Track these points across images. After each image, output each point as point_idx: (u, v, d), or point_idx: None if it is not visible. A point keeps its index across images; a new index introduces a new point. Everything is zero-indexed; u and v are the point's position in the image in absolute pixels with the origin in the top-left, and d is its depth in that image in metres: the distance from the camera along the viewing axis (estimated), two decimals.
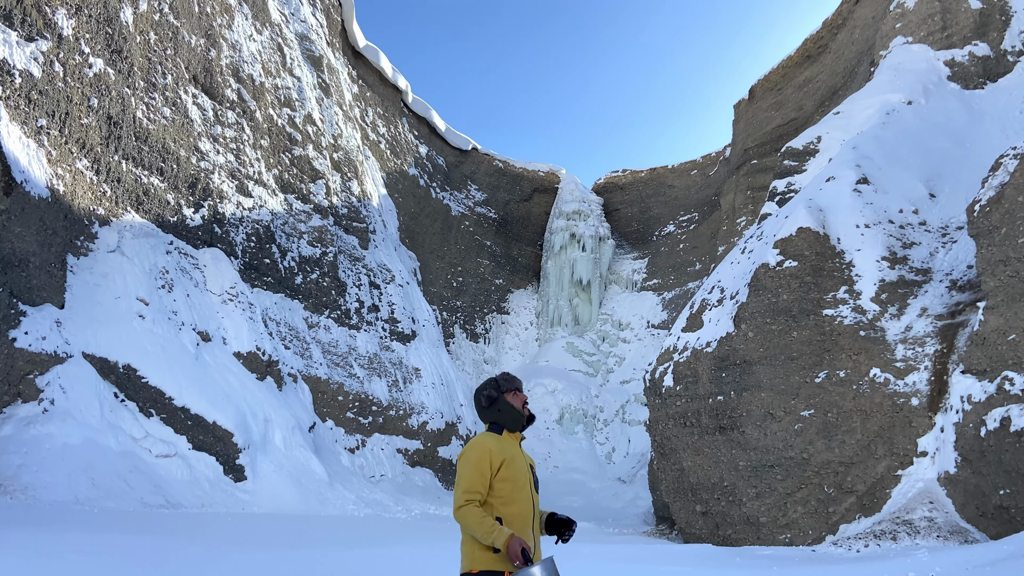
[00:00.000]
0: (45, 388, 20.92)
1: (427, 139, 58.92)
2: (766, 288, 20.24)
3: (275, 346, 31.77)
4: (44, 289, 22.07)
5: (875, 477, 17.66)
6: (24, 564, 8.95)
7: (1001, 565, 10.00)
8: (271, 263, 34.82)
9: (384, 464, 35.95)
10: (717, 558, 15.03)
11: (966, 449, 15.91)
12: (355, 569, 11.20)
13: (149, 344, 24.59)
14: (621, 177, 68.05)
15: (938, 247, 19.85)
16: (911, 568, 11.18)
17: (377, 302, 41.07)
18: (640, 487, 39.59)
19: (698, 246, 58.26)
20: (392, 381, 39.14)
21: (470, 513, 3.96)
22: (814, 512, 18.33)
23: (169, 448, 23.30)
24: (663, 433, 22.90)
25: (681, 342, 23.14)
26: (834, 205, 20.75)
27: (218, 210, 31.97)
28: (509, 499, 4.11)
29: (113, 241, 25.81)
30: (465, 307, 59.19)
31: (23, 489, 17.75)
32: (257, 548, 13.09)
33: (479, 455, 4.11)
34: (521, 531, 4.09)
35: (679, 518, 22.38)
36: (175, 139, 29.85)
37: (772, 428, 19.23)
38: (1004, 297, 15.56)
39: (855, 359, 18.65)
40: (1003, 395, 15.16)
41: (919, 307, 18.65)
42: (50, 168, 23.09)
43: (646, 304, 59.49)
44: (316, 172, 39.18)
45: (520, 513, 4.13)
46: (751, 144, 49.72)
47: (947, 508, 16.28)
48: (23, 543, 10.70)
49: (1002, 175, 15.98)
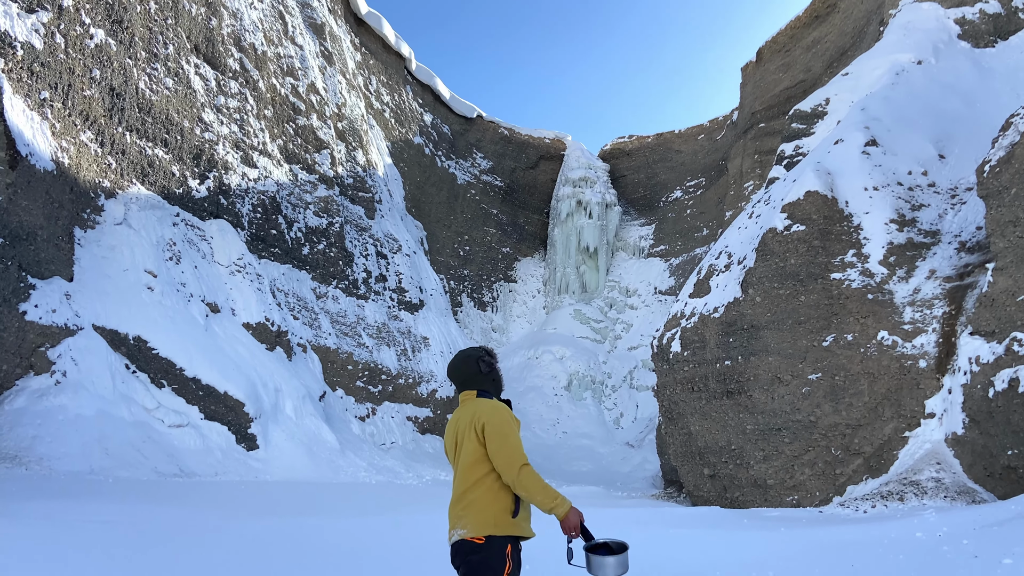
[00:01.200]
0: (57, 360, 21.11)
1: (432, 107, 58.52)
2: (774, 253, 20.16)
3: (284, 317, 31.93)
4: (52, 262, 22.17)
5: (882, 439, 17.73)
6: (42, 533, 9.10)
7: (1009, 525, 10.06)
8: (278, 234, 34.85)
9: (394, 432, 36.28)
10: (725, 520, 15.17)
11: (974, 410, 15.93)
12: (369, 535, 11.36)
13: (159, 316, 24.74)
14: (627, 143, 67.55)
15: (947, 209, 19.71)
16: (918, 528, 11.26)
17: (384, 272, 41.13)
18: (648, 451, 39.88)
19: (705, 211, 57.99)
20: (401, 350, 39.34)
21: (533, 475, 3.91)
22: (821, 474, 18.45)
23: (181, 418, 23.55)
24: (671, 398, 23.00)
25: (688, 308, 23.14)
26: (842, 168, 20.58)
27: (223, 181, 31.93)
28: None
29: (120, 213, 25.85)
30: (472, 276, 59.21)
31: (38, 460, 18.00)
32: (271, 515, 13.28)
33: (513, 427, 4.07)
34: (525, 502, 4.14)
35: (687, 481, 22.55)
36: (178, 110, 29.74)
37: (779, 392, 19.28)
38: (1013, 258, 15.47)
39: (863, 322, 18.62)
40: (1011, 356, 15.14)
41: (927, 269, 18.57)
42: (54, 141, 23.06)
43: (653, 270, 59.41)
44: (321, 142, 39.03)
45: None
46: (759, 107, 49.22)
47: (954, 469, 16.34)
48: (40, 513, 10.88)
49: (1012, 134, 15.80)
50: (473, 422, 4.04)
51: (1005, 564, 7.90)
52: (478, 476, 4.03)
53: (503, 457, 3.89)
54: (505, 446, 3.91)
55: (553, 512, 3.86)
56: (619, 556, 3.85)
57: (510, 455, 3.89)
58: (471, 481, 4.03)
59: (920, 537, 10.55)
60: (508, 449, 3.90)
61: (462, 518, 4.01)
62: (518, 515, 4.03)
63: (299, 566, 8.47)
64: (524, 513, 4.12)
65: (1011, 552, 8.33)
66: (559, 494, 3.89)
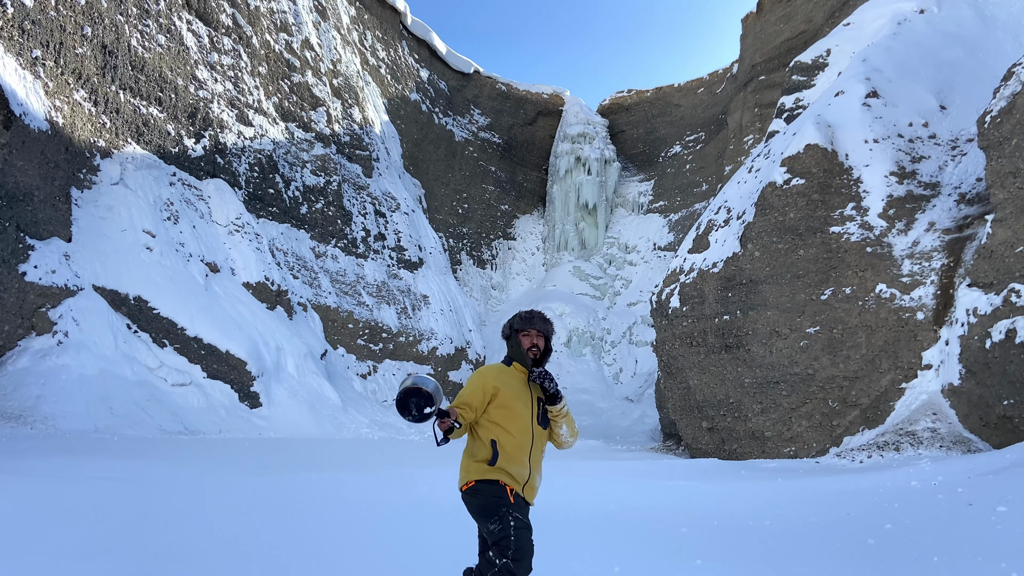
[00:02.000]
0: (58, 321, 21.20)
1: (428, 63, 57.79)
2: (773, 207, 20.12)
3: (283, 276, 31.96)
4: (50, 223, 22.12)
5: (879, 390, 17.89)
6: (51, 491, 9.23)
7: (1003, 473, 10.19)
8: (275, 193, 34.70)
9: (396, 389, 36.56)
10: (723, 471, 15.38)
11: (971, 361, 16.05)
12: (374, 489, 11.52)
13: (158, 276, 24.76)
14: (626, 98, 66.87)
15: (947, 160, 19.62)
16: (913, 477, 11.42)
17: (383, 230, 41.05)
18: (647, 405, 40.25)
19: (705, 166, 57.65)
20: (401, 308, 39.46)
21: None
22: (818, 426, 18.65)
23: (184, 377, 23.72)
24: (670, 353, 23.14)
25: (687, 263, 23.16)
26: (843, 120, 20.42)
27: (219, 140, 31.69)
28: (505, 426, 4.31)
29: (116, 173, 25.71)
30: (471, 233, 59.09)
31: (43, 419, 18.18)
32: (276, 471, 13.45)
33: (477, 381, 4.39)
34: (515, 458, 4.30)
35: (686, 434, 22.81)
36: (171, 67, 29.39)
37: (778, 345, 19.40)
38: (1013, 209, 15.45)
39: (861, 275, 18.66)
40: (1009, 307, 15.21)
41: (927, 222, 18.55)
42: (48, 100, 22.84)
43: (652, 226, 59.29)
44: (316, 99, 38.64)
45: (517, 444, 4.32)
46: (759, 59, 48.62)
47: (950, 419, 16.52)
48: (48, 471, 11.02)
49: (1014, 84, 15.66)
50: None
51: (999, 511, 8.04)
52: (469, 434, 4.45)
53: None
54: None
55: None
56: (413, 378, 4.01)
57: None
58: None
59: (915, 486, 10.71)
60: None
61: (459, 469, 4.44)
62: (495, 466, 4.26)
63: (305, 520, 8.62)
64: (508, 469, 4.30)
65: (1005, 500, 8.47)
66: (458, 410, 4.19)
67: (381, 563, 6.53)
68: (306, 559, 6.58)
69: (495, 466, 4.24)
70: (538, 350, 4.55)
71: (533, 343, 4.55)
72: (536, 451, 4.43)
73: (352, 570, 6.28)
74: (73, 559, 6.02)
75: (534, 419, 4.42)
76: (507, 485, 4.23)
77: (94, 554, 6.23)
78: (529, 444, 4.37)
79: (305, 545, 7.16)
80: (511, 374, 4.49)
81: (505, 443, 4.29)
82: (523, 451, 4.34)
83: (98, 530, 7.21)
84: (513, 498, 4.18)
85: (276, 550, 6.87)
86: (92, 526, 7.38)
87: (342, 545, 7.23)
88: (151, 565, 6.02)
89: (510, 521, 4.08)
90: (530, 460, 4.37)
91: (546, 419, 4.51)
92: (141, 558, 6.22)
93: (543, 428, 4.49)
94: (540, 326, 4.59)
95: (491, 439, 4.27)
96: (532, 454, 4.39)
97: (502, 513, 4.10)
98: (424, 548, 7.20)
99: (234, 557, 6.51)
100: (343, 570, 6.27)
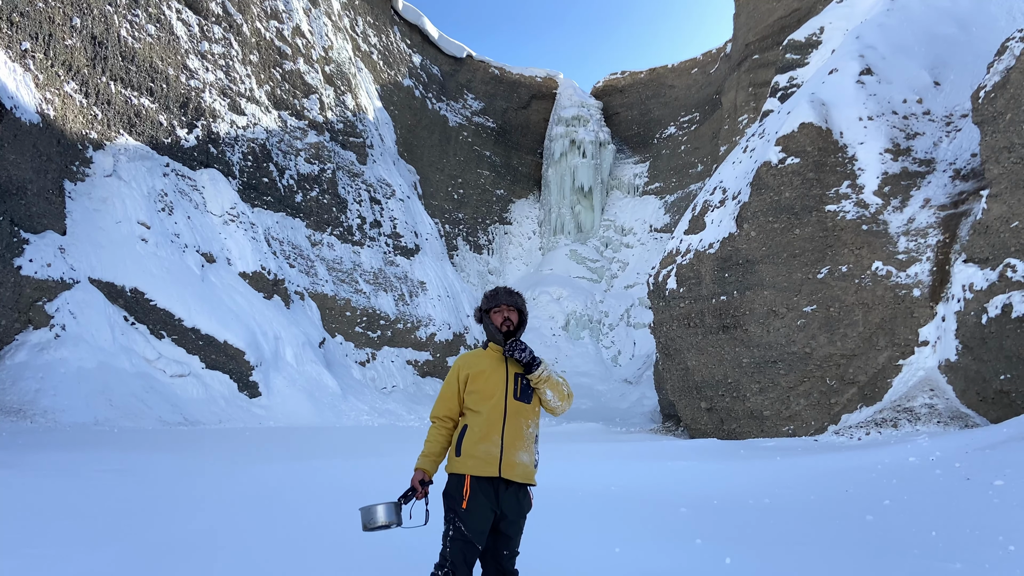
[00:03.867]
0: (55, 314, 21.17)
1: (420, 48, 57.48)
2: (768, 186, 20.10)
3: (280, 265, 31.92)
4: (44, 216, 22.05)
5: (876, 368, 17.95)
6: (53, 484, 9.25)
7: (1000, 447, 10.25)
8: (269, 182, 34.59)
9: (395, 375, 36.62)
10: (722, 451, 15.46)
11: (967, 337, 16.10)
12: (375, 475, 11.56)
13: (154, 267, 24.72)
14: (620, 79, 66.61)
15: (942, 136, 19.58)
16: (911, 453, 11.48)
17: (379, 217, 40.97)
18: (646, 387, 40.37)
19: (700, 147, 57.54)
20: (398, 295, 39.45)
21: (429, 432, 4.49)
22: (816, 404, 18.73)
23: (183, 368, 23.73)
24: (667, 334, 23.18)
25: (684, 245, 23.16)
26: (837, 98, 20.36)
27: (212, 130, 31.55)
28: (476, 408, 4.38)
29: (109, 165, 25.61)
30: (467, 219, 59.01)
31: (42, 413, 18.19)
32: (277, 460, 13.49)
33: (449, 376, 4.57)
34: (484, 436, 4.30)
35: (684, 415, 22.90)
36: (162, 57, 29.21)
37: (775, 325, 19.44)
38: (1007, 184, 15.44)
39: (857, 253, 18.68)
40: (1005, 282, 15.24)
41: (922, 198, 18.55)
42: (39, 93, 22.70)
43: (648, 208, 59.24)
44: (308, 87, 38.44)
45: (486, 420, 4.34)
46: (753, 38, 48.43)
47: (947, 395, 16.59)
48: (50, 464, 11.04)
49: (1008, 59, 15.62)
50: None
51: (996, 485, 8.09)
52: None
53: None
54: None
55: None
56: (387, 504, 4.16)
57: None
58: None
59: (913, 461, 10.77)
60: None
61: None
62: (461, 455, 4.33)
63: (307, 507, 8.66)
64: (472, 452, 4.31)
65: (1002, 474, 8.52)
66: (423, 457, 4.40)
67: (381, 549, 6.56)
68: (307, 545, 6.61)
69: (460, 455, 4.30)
70: (511, 323, 4.54)
71: (505, 317, 4.54)
72: (512, 427, 4.35)
73: (352, 555, 6.32)
74: (74, 552, 6.04)
75: (508, 395, 4.38)
76: (467, 475, 4.24)
77: (95, 547, 6.25)
78: (501, 420, 4.32)
79: (306, 532, 7.19)
80: (486, 356, 4.52)
81: (474, 424, 4.33)
82: (494, 428, 4.29)
83: (99, 523, 7.24)
84: (470, 490, 4.22)
85: (277, 539, 6.90)
86: (93, 519, 7.40)
87: (341, 532, 7.26)
88: (153, 556, 6.05)
89: (449, 531, 4.20)
90: (503, 436, 4.30)
91: (528, 393, 4.46)
92: (142, 550, 6.25)
93: (525, 403, 4.43)
94: (507, 299, 4.59)
95: (463, 426, 4.38)
96: (506, 430, 4.32)
97: (448, 519, 4.24)
98: (422, 533, 7.24)
99: (236, 547, 6.54)
100: (343, 556, 6.30)
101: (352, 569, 5.91)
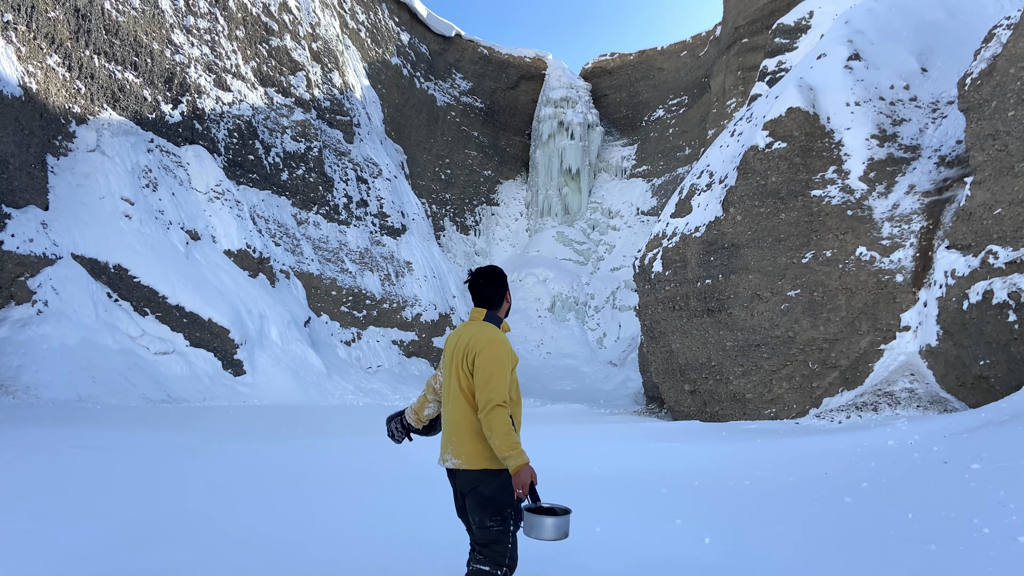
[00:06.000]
0: (37, 290, 21.00)
1: (408, 26, 56.99)
2: (755, 171, 20.14)
3: (265, 243, 31.74)
4: (26, 191, 21.81)
5: (858, 352, 18.12)
6: (35, 460, 9.22)
7: (978, 432, 10.39)
8: (255, 159, 34.32)
9: (380, 355, 36.61)
10: (704, 433, 15.59)
11: (948, 322, 16.26)
12: (358, 454, 11.60)
13: (138, 244, 24.54)
14: (609, 61, 66.36)
15: (928, 123, 19.67)
16: (891, 436, 11.62)
17: (365, 197, 40.78)
18: (630, 369, 40.58)
19: (688, 130, 57.51)
20: (384, 275, 39.36)
21: (502, 417, 3.73)
22: (798, 387, 18.89)
23: (167, 345, 23.62)
24: (652, 317, 23.28)
25: (670, 228, 23.21)
26: (825, 83, 20.39)
27: (197, 106, 31.22)
28: (516, 400, 4.02)
29: (92, 140, 25.32)
30: (454, 199, 58.84)
31: (24, 389, 18.09)
32: (259, 438, 13.50)
33: (507, 353, 3.92)
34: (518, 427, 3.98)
35: (668, 397, 23.05)
36: (147, 31, 28.82)
37: (759, 309, 19.56)
38: (991, 171, 15.55)
39: (842, 238, 18.79)
40: (986, 269, 15.39)
41: (907, 184, 18.65)
42: (21, 66, 22.37)
43: (635, 191, 59.26)
44: (295, 63, 38.07)
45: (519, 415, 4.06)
46: (742, 22, 48.32)
47: (928, 379, 16.78)
48: (31, 440, 11.00)
49: (995, 46, 15.67)
50: (468, 349, 3.91)
51: (973, 469, 8.21)
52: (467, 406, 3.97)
53: (484, 392, 3.76)
54: (490, 382, 3.77)
55: (506, 462, 3.65)
56: (559, 518, 3.59)
57: (491, 392, 3.74)
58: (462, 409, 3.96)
59: (892, 445, 10.91)
60: (491, 385, 3.75)
61: (456, 446, 3.94)
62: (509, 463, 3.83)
63: (291, 484, 8.68)
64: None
65: (979, 457, 8.65)
66: (518, 445, 3.69)
67: (369, 524, 6.60)
68: (295, 522, 6.64)
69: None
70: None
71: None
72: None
73: (338, 532, 6.35)
74: (52, 528, 6.03)
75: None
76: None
77: (75, 523, 6.25)
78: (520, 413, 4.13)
79: (294, 509, 7.22)
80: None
81: (516, 416, 3.99)
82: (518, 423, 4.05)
83: (80, 499, 7.23)
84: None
85: (264, 516, 6.92)
86: (73, 495, 7.39)
87: (330, 508, 7.29)
88: (134, 534, 6.05)
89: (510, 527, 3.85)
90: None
91: None
92: (123, 526, 6.25)
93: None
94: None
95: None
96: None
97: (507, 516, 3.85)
98: (407, 511, 7.28)
99: (221, 523, 6.55)
100: (332, 532, 6.33)
101: (341, 545, 5.94)
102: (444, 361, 4.20)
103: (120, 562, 5.14)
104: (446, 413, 4.07)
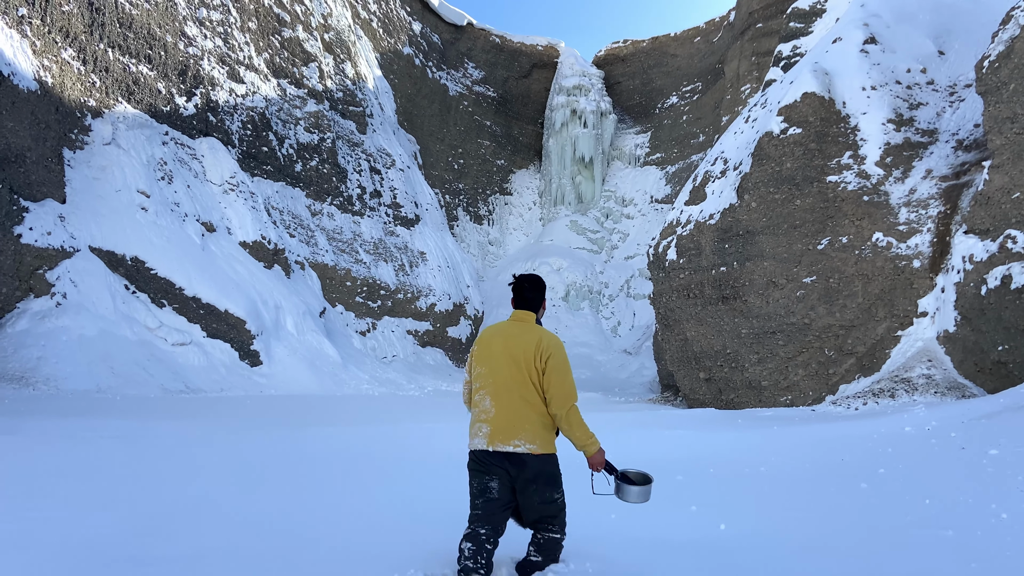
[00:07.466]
0: (56, 282, 21.20)
1: (420, 15, 56.85)
2: (770, 157, 20.01)
3: (280, 235, 31.88)
4: (44, 184, 22.00)
5: (875, 338, 18.01)
6: (58, 450, 9.34)
7: (997, 417, 10.32)
8: (269, 151, 34.43)
9: (395, 345, 36.76)
10: (720, 421, 15.56)
11: (966, 308, 16.13)
12: (370, 443, 11.67)
13: (155, 236, 24.71)
14: (622, 48, 65.96)
15: (945, 107, 19.45)
16: (908, 423, 11.56)
17: (379, 187, 40.84)
18: (645, 358, 40.52)
19: (701, 117, 57.14)
20: (398, 265, 39.45)
21: (579, 414, 4.41)
22: (814, 374, 18.82)
23: (184, 336, 23.82)
24: (667, 305, 23.23)
25: (684, 215, 23.12)
26: (840, 68, 20.20)
27: (211, 98, 31.33)
28: None
29: (108, 133, 25.48)
30: (467, 189, 58.80)
31: (44, 380, 18.29)
32: (277, 427, 13.61)
33: (567, 357, 4.53)
34: None
35: (683, 385, 23.02)
36: (160, 24, 28.92)
37: (774, 296, 19.48)
38: (1010, 155, 15.38)
39: (858, 224, 18.65)
40: (1005, 253, 15.24)
41: (924, 169, 18.48)
42: (36, 60, 22.53)
43: (649, 179, 58.97)
44: (308, 55, 38.11)
45: None
46: (756, 7, 47.90)
47: (945, 365, 16.67)
48: (53, 431, 11.13)
49: (1013, 28, 15.47)
50: (540, 350, 4.39)
51: (991, 455, 8.16)
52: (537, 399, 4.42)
53: (561, 392, 4.34)
54: (565, 383, 4.36)
55: (584, 449, 4.41)
56: (644, 487, 4.55)
57: (568, 392, 4.36)
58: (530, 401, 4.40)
59: (909, 431, 10.86)
60: (567, 387, 4.36)
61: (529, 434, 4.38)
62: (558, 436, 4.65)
63: (308, 472, 8.75)
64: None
65: (997, 443, 8.59)
66: (594, 435, 4.42)
67: (381, 511, 6.65)
68: (311, 507, 6.70)
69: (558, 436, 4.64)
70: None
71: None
72: None
73: (356, 520, 6.40)
74: (77, 515, 6.12)
75: None
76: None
77: (98, 510, 6.34)
78: None
79: (309, 495, 7.28)
80: None
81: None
82: None
83: (103, 487, 7.32)
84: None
85: (279, 505, 6.99)
86: (96, 483, 7.49)
87: (345, 496, 7.35)
88: (155, 520, 6.13)
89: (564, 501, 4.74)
90: None
91: None
92: (146, 513, 6.33)
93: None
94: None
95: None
96: None
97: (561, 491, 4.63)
98: (419, 497, 7.33)
99: (238, 511, 6.62)
100: (340, 518, 6.39)
101: (356, 532, 5.99)
102: (490, 354, 4.58)
103: (144, 549, 5.22)
104: (505, 403, 4.45)
